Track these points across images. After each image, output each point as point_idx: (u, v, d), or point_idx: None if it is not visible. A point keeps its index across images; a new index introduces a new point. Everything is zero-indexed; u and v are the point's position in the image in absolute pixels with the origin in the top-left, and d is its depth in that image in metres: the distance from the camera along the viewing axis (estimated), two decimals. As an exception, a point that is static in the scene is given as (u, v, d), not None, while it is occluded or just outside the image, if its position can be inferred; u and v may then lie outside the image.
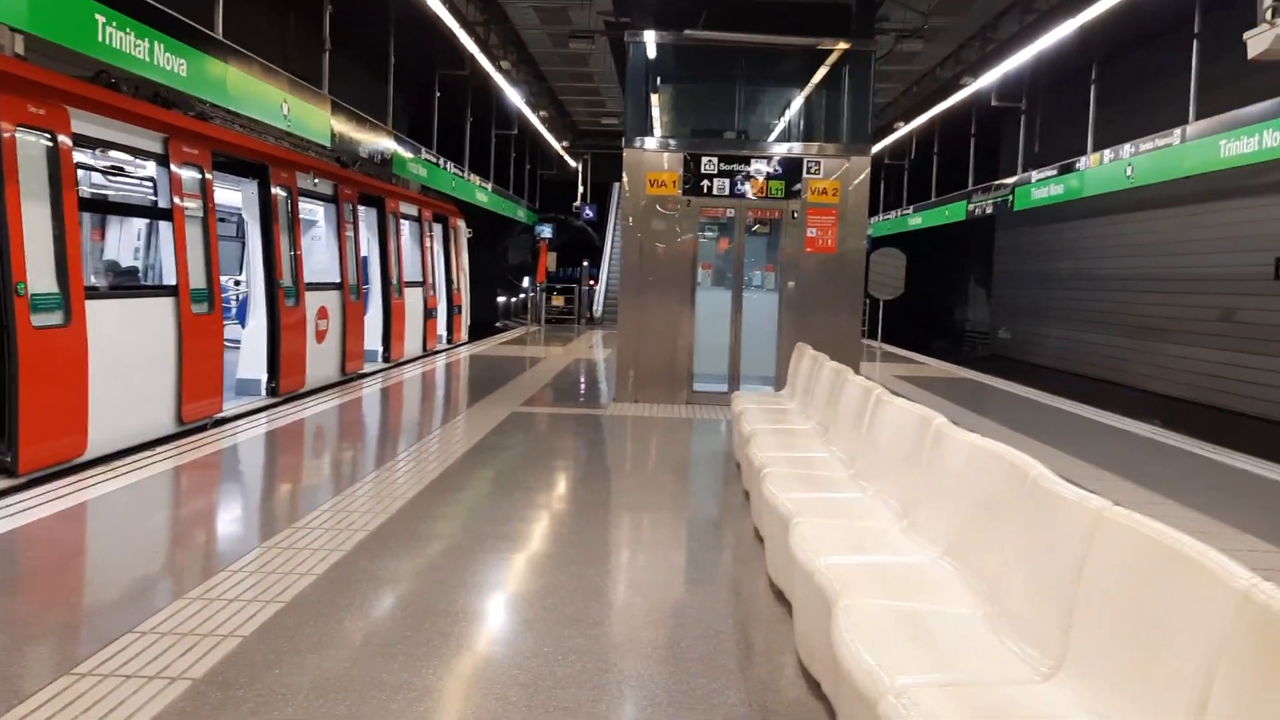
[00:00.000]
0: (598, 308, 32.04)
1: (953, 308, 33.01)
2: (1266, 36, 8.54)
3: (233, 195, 12.29)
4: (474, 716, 3.39)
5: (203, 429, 9.26)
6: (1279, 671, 1.81)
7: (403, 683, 3.63)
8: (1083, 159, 16.76)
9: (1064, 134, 20.04)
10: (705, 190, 11.74)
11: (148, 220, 10.54)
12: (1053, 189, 17.98)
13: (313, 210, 13.98)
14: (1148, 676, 2.24)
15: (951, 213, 24.02)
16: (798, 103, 14.03)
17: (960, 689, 2.55)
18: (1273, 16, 8.42)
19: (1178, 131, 13.52)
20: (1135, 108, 18.00)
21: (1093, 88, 18.12)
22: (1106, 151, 15.78)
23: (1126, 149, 15.02)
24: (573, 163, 34.03)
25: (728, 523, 6.35)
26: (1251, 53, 8.96)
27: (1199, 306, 16.58)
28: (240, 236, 14.87)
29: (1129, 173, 14.95)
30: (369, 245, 15.84)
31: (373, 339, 15.65)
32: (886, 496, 4.68)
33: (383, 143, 15.52)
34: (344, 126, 13.37)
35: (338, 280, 13.68)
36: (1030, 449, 3.38)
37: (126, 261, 11.11)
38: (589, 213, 35.58)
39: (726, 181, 11.75)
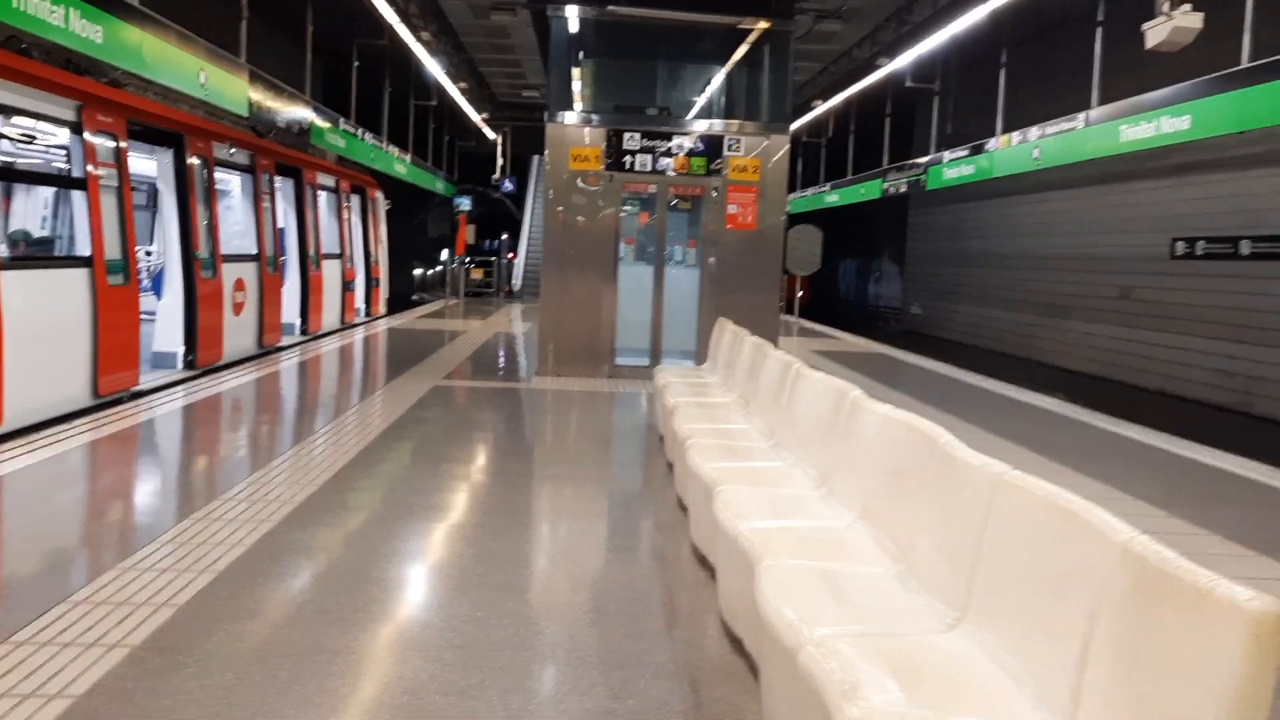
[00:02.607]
0: (517, 281, 31.93)
1: (867, 284, 33.70)
2: (1164, 28, 8.98)
3: (146, 165, 12.05)
4: (413, 677, 3.51)
5: (119, 402, 9.13)
6: (1152, 613, 2.05)
7: (342, 647, 3.73)
8: (992, 140, 17.28)
9: (975, 116, 20.59)
10: (627, 166, 11.86)
11: (61, 190, 10.30)
12: (964, 169, 18.49)
13: (229, 180, 13.77)
14: (1041, 622, 2.47)
15: (867, 191, 24.52)
16: (718, 80, 14.20)
17: (874, 638, 2.76)
18: (1169, 9, 8.85)
19: (1082, 116, 14.04)
20: (1042, 92, 18.57)
21: (1003, 71, 18.64)
22: (1015, 134, 16.30)
23: (1034, 131, 15.54)
24: (492, 135, 33.79)
25: (651, 493, 6.53)
26: (1149, 43, 9.41)
27: (1100, 285, 17.27)
28: (151, 206, 14.58)
29: (1036, 155, 15.47)
30: (286, 216, 15.65)
31: (290, 311, 15.51)
32: (805, 465, 4.90)
33: (300, 112, 15.29)
34: (261, 96, 13.16)
35: (255, 252, 13.51)
36: (940, 421, 3.61)
37: (40, 231, 10.84)
38: (508, 185, 35.39)
39: (648, 158, 11.88)
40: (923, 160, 20.91)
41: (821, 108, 24.01)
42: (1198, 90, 10.88)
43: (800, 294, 26.08)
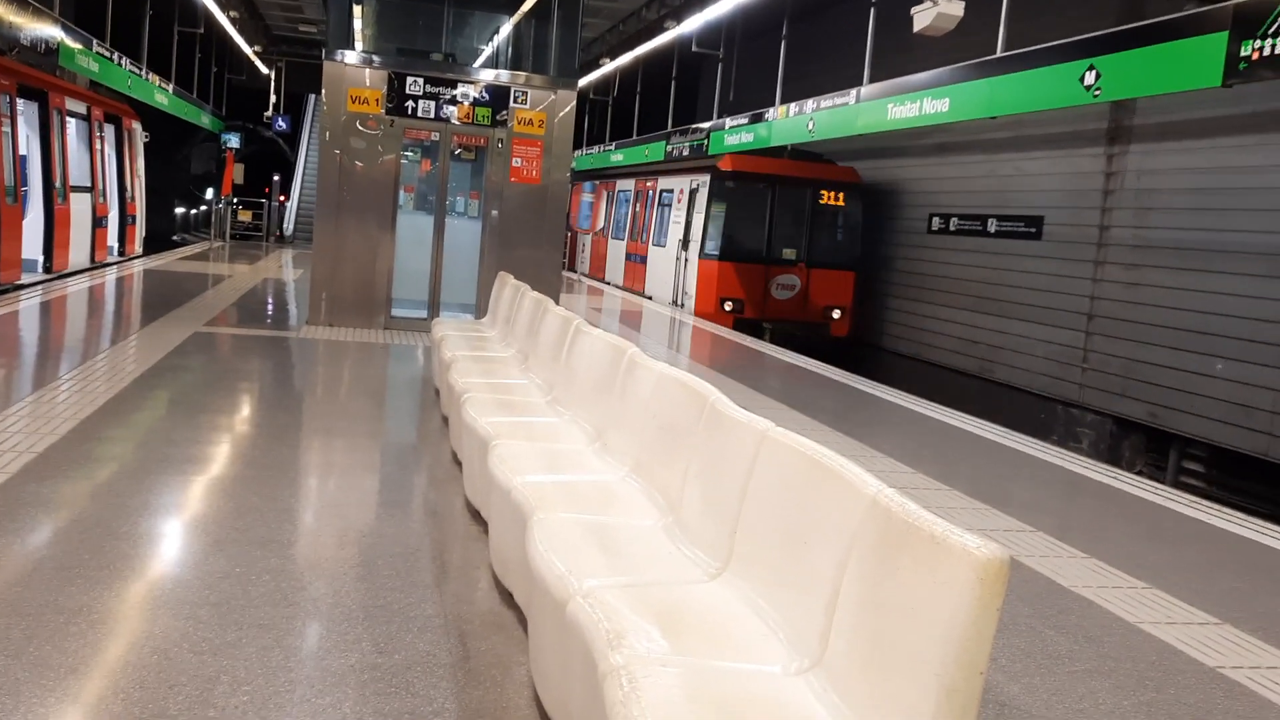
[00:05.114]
0: (289, 225, 30.54)
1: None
2: (929, 13, 9.51)
3: None
4: (162, 636, 3.33)
5: None
6: (894, 559, 2.19)
7: (83, 606, 3.49)
8: (771, 110, 17.81)
9: (757, 85, 21.17)
10: (410, 111, 11.52)
11: None
12: (744, 136, 18.98)
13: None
14: (797, 569, 2.60)
15: (651, 152, 24.78)
16: (507, 30, 13.97)
17: (639, 589, 2.83)
18: (935, -4, 9.38)
19: (853, 92, 14.67)
20: (819, 66, 19.31)
21: (783, 43, 19.22)
22: (792, 105, 16.86)
23: (810, 104, 16.12)
24: (265, 70, 31.94)
25: (425, 447, 6.44)
26: (917, 26, 9.94)
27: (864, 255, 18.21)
28: None
29: (810, 127, 16.07)
30: (29, 143, 14.36)
31: (32, 247, 14.28)
32: (581, 421, 4.95)
33: (47, 30, 13.94)
34: (2, 9, 11.90)
35: (-10, 180, 12.34)
36: (712, 380, 3.73)
37: None
38: (282, 124, 33.62)
39: (432, 104, 11.58)
40: (705, 125, 21.33)
41: (609, 66, 24.03)
42: (956, 75, 11.59)
43: (836, 314, 17.49)
